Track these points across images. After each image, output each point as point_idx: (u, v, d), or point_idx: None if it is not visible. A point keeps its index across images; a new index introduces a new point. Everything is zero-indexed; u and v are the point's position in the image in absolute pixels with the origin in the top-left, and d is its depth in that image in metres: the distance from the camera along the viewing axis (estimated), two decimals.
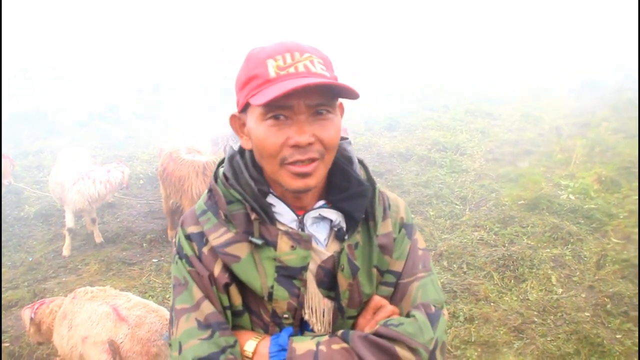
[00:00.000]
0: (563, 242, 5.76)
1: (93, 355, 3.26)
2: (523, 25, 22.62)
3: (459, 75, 17.37)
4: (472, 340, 4.21)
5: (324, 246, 1.32)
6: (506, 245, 5.78)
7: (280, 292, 1.27)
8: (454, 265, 5.42)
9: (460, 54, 20.23)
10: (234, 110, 1.33)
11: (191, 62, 16.96)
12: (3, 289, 5.46)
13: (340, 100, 1.28)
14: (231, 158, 1.38)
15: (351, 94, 1.18)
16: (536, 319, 4.44)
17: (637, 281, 4.83)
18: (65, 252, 6.15)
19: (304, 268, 1.27)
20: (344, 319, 1.32)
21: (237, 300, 1.31)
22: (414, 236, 1.44)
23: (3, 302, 5.18)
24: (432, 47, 21.14)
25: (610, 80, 16.16)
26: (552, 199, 6.75)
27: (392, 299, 1.36)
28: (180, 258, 1.33)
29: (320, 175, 1.24)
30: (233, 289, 1.30)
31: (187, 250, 1.32)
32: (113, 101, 12.94)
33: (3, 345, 4.52)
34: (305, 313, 1.30)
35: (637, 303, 4.47)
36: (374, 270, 1.34)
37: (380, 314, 1.31)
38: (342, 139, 1.40)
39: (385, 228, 1.37)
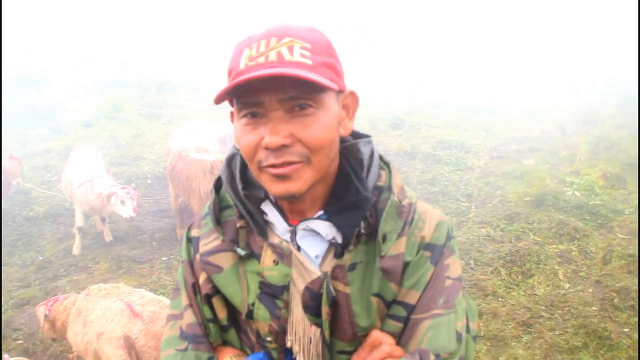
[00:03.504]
0: (569, 237, 5.79)
1: (108, 351, 3.32)
2: (528, 22, 22.61)
3: (463, 73, 17.37)
4: (481, 335, 4.25)
5: (316, 264, 1.12)
6: (513, 241, 5.81)
7: (261, 312, 1.14)
8: (462, 262, 5.46)
9: (464, 51, 20.22)
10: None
11: (197, 60, 17.00)
12: (15, 288, 5.53)
13: (350, 89, 1.11)
14: (230, 159, 1.24)
15: (315, 84, 0.97)
16: (544, 314, 4.49)
17: None
18: (76, 250, 6.21)
19: (286, 287, 1.12)
20: (333, 352, 1.14)
21: (222, 313, 1.21)
22: (444, 261, 1.14)
23: (15, 300, 5.26)
24: (437, 45, 21.14)
25: (615, 76, 16.16)
26: (558, 196, 6.78)
27: (401, 337, 1.12)
28: (182, 261, 1.28)
29: (307, 179, 1.04)
30: (216, 301, 1.20)
31: (184, 254, 1.26)
32: (119, 101, 12.99)
33: (17, 342, 4.59)
34: (288, 339, 1.15)
35: None
36: (374, 300, 1.11)
37: (374, 354, 1.10)
38: (362, 136, 1.22)
39: (396, 248, 1.11)
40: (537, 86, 16.17)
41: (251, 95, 0.99)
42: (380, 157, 1.21)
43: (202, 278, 1.20)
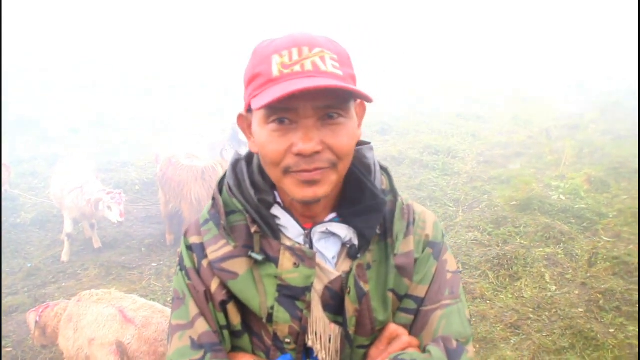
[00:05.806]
0: (555, 241, 5.87)
1: (100, 356, 3.32)
2: (512, 30, 22.87)
3: (449, 80, 17.52)
4: None
5: (333, 265, 1.18)
6: (500, 245, 5.89)
7: (281, 314, 1.14)
8: None
9: (450, 58, 20.41)
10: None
11: (187, 67, 17.00)
12: (3, 295, 5.48)
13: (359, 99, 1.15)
14: (235, 164, 1.26)
15: (362, 97, 1.05)
16: (532, 316, 4.55)
17: (627, 277, 4.96)
18: (64, 257, 6.18)
19: (308, 288, 1.14)
20: (353, 347, 1.18)
21: (236, 319, 1.19)
22: (443, 257, 1.25)
23: (3, 307, 5.21)
24: (423, 52, 21.31)
25: (598, 83, 16.41)
26: (544, 200, 6.88)
27: (412, 328, 1.20)
28: (181, 270, 1.23)
29: (332, 183, 1.09)
30: (231, 308, 1.19)
31: (187, 262, 1.22)
32: (107, 107, 12.96)
33: (5, 350, 4.56)
34: (308, 339, 1.17)
35: (628, 298, 4.60)
36: (390, 295, 1.18)
37: (394, 345, 1.16)
38: (363, 143, 1.28)
39: (406, 247, 1.20)
40: (522, 92, 16.36)
41: (284, 102, 0.99)
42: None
43: (214, 285, 1.18)
